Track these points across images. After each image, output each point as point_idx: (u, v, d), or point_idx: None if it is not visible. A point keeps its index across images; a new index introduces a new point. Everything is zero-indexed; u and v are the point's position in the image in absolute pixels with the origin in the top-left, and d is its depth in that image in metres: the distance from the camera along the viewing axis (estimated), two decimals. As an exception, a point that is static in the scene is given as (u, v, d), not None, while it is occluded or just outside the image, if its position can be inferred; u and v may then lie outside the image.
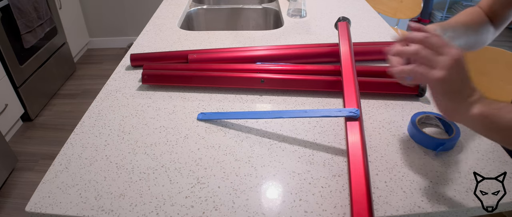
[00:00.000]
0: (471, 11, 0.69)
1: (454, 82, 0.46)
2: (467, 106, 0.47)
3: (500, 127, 0.45)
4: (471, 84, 0.47)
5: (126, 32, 3.00)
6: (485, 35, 0.67)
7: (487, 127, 0.46)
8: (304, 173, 0.58)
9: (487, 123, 0.46)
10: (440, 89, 0.46)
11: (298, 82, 0.79)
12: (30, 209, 0.52)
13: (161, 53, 0.93)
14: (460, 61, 0.45)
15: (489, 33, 0.68)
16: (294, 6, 1.27)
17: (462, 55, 0.46)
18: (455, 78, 0.45)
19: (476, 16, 0.67)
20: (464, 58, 0.46)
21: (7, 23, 1.84)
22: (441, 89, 0.46)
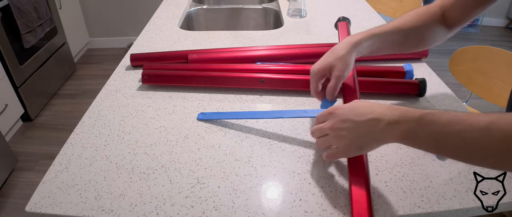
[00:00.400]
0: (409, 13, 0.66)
1: (350, 139, 0.49)
2: (383, 137, 0.47)
3: (419, 144, 0.45)
4: (364, 117, 0.48)
5: (126, 32, 3.00)
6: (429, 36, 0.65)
7: (409, 145, 0.47)
8: (304, 173, 0.58)
9: (408, 143, 0.46)
10: (352, 151, 0.51)
11: (298, 82, 0.78)
12: (30, 209, 0.52)
13: (161, 53, 0.93)
14: (337, 121, 0.50)
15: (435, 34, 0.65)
16: (294, 6, 1.27)
17: (339, 106, 0.52)
18: (347, 135, 0.50)
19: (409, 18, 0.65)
20: (342, 106, 0.51)
21: (7, 23, 1.84)
22: (353, 151, 0.51)
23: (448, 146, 0.43)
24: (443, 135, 0.42)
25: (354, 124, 0.49)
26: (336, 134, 0.51)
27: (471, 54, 1.22)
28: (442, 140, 0.42)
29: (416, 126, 0.44)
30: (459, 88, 1.45)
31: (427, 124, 0.43)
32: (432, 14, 0.65)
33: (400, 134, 0.45)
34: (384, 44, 0.65)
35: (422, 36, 0.65)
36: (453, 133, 0.41)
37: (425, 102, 0.76)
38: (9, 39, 1.85)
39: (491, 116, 0.40)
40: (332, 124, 0.51)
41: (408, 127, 0.44)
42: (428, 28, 0.65)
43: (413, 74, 0.81)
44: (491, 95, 1.17)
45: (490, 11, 3.28)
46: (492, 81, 1.17)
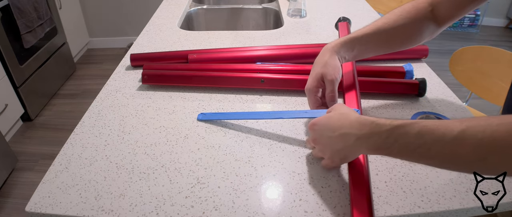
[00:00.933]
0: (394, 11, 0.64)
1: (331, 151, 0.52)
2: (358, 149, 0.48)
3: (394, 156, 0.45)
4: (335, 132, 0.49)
5: (126, 32, 3.00)
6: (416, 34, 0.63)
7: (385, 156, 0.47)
8: (304, 173, 0.58)
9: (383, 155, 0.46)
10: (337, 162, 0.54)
11: (298, 82, 0.78)
12: (30, 209, 0.52)
13: (161, 53, 0.93)
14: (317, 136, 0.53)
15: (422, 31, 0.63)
16: (294, 6, 1.27)
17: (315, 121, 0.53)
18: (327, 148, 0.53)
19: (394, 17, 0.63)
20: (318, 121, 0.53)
21: (7, 23, 1.84)
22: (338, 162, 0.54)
23: (422, 158, 0.42)
24: (415, 148, 0.41)
25: (329, 139, 0.51)
26: (320, 148, 0.55)
27: (471, 54, 1.22)
28: (414, 152, 0.42)
29: (385, 139, 0.43)
30: (459, 88, 1.45)
31: (398, 137, 0.42)
32: (420, 10, 0.62)
33: (371, 147, 0.45)
34: (368, 46, 0.64)
35: (408, 34, 0.63)
36: (424, 144, 0.40)
37: (425, 102, 0.76)
38: (9, 39, 1.85)
39: (464, 123, 0.38)
40: (313, 139, 0.55)
41: (379, 141, 0.44)
42: (414, 25, 0.62)
43: (413, 74, 0.81)
44: (491, 95, 1.17)
45: (490, 11, 3.28)
46: (492, 81, 1.17)
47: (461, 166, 0.41)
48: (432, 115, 0.69)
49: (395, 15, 0.63)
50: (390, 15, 0.64)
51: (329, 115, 0.53)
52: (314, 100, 0.65)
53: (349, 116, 0.49)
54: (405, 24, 0.62)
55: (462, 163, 0.40)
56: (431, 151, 0.40)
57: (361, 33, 0.63)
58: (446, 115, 0.71)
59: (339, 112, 0.52)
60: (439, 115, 0.70)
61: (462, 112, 0.73)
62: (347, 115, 0.49)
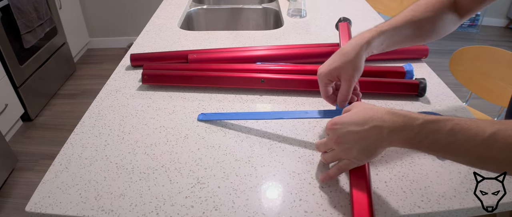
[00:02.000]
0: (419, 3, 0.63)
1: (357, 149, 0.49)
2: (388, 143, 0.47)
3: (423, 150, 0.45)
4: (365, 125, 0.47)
5: (126, 32, 3.00)
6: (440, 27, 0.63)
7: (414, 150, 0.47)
8: (304, 173, 0.58)
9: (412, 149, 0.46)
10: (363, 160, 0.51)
11: (298, 82, 0.79)
12: (30, 209, 0.52)
13: (161, 53, 0.93)
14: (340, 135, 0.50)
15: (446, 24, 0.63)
16: (294, 6, 1.27)
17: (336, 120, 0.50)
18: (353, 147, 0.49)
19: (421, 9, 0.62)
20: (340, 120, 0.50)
21: (7, 23, 1.84)
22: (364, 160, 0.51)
23: (450, 155, 0.43)
24: (445, 144, 0.42)
25: (357, 134, 0.48)
26: (342, 148, 0.50)
27: (471, 54, 1.22)
28: (444, 148, 0.42)
29: (417, 134, 0.43)
30: (459, 88, 1.45)
31: (429, 132, 0.42)
32: (443, 3, 0.62)
33: (402, 140, 0.45)
34: (395, 39, 0.62)
35: (435, 27, 0.62)
36: (455, 142, 0.41)
37: (425, 102, 0.76)
38: (9, 39, 1.85)
39: (495, 126, 0.39)
40: (336, 139, 0.51)
41: (410, 135, 0.44)
42: (439, 17, 0.62)
43: (413, 74, 0.81)
44: (491, 95, 1.17)
45: (490, 11, 3.28)
46: (492, 81, 1.17)
47: (489, 166, 0.41)
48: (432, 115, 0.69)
49: (421, 7, 0.62)
50: (416, 7, 0.63)
51: (354, 111, 0.50)
52: (324, 89, 0.62)
53: (378, 109, 0.48)
54: (431, 16, 0.61)
55: (491, 164, 0.40)
56: (461, 149, 0.41)
57: (391, 26, 0.61)
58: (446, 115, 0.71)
59: (364, 106, 0.50)
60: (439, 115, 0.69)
61: (462, 112, 0.73)
62: (376, 108, 0.48)
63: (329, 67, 0.60)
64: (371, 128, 0.47)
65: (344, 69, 0.58)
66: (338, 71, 0.59)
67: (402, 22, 0.61)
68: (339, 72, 0.59)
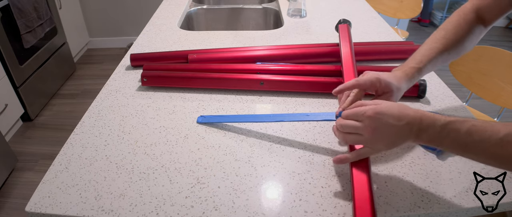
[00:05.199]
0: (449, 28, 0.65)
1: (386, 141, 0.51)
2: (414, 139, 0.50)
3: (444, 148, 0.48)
4: (401, 121, 0.49)
5: (126, 32, 3.00)
6: (468, 44, 0.66)
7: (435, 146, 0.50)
8: (304, 173, 0.58)
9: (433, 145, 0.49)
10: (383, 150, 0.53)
11: (298, 84, 0.78)
12: (30, 209, 0.52)
13: (161, 53, 0.93)
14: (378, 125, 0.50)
15: (473, 39, 0.66)
16: (294, 6, 1.27)
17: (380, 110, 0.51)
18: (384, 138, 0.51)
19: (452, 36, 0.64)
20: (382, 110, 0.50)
21: (7, 23, 1.84)
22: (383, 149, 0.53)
23: (468, 153, 0.46)
24: (463, 144, 0.46)
25: (393, 128, 0.50)
26: (375, 137, 0.51)
27: (471, 54, 1.22)
28: (462, 147, 0.46)
29: (439, 133, 0.47)
30: (459, 88, 1.45)
31: (450, 131, 0.46)
32: (469, 20, 0.65)
33: (427, 138, 0.48)
34: (430, 69, 0.65)
35: (464, 46, 0.66)
36: (472, 142, 0.45)
37: (425, 102, 0.76)
38: (9, 39, 1.85)
39: (508, 127, 0.43)
40: (374, 128, 0.51)
41: (434, 134, 0.47)
42: (468, 36, 0.65)
43: (413, 74, 0.80)
44: (491, 95, 1.17)
45: (490, 11, 3.27)
46: (492, 81, 1.17)
47: (505, 166, 0.45)
48: (432, 115, 0.69)
49: (451, 33, 0.65)
50: (447, 34, 0.65)
51: (388, 104, 0.51)
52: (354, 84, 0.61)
53: (407, 107, 0.51)
54: (460, 39, 0.65)
55: (506, 162, 0.44)
56: (478, 148, 0.45)
57: (426, 59, 0.63)
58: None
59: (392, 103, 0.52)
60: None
61: (462, 112, 0.73)
62: (405, 106, 0.51)
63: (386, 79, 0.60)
64: (405, 124, 0.49)
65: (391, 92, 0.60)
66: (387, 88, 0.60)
67: (435, 55, 0.64)
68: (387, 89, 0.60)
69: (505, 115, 1.26)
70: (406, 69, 0.63)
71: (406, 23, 3.03)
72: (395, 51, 0.94)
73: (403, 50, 0.94)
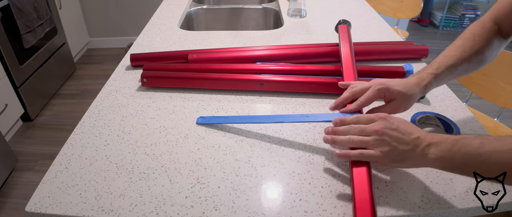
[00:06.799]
0: (467, 36, 0.65)
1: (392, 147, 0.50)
2: (422, 156, 0.49)
3: (455, 166, 0.47)
4: (412, 135, 0.50)
5: (126, 32, 3.00)
6: (488, 54, 0.65)
7: (445, 168, 0.48)
8: (304, 173, 0.58)
9: (444, 165, 0.48)
10: (387, 160, 0.51)
11: (298, 84, 0.78)
12: (30, 209, 0.52)
13: (161, 53, 0.93)
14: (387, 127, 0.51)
15: (493, 49, 0.65)
16: (294, 6, 1.27)
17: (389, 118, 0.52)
18: (390, 143, 0.50)
19: (470, 43, 0.64)
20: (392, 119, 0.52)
21: (7, 23, 1.84)
22: (388, 160, 0.51)
23: (482, 166, 0.45)
24: (476, 155, 0.45)
25: (402, 136, 0.50)
26: (381, 138, 0.51)
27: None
28: (476, 160, 0.45)
29: (451, 147, 0.47)
30: (459, 88, 1.45)
31: (462, 146, 0.46)
32: (488, 30, 0.64)
33: (437, 153, 0.47)
34: (448, 78, 0.64)
35: (484, 56, 0.64)
36: (485, 153, 0.45)
37: (425, 102, 0.76)
38: (9, 39, 1.85)
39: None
40: (381, 128, 0.51)
41: (445, 149, 0.47)
42: (487, 46, 0.64)
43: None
44: (491, 95, 1.17)
45: (490, 11, 3.27)
46: (492, 81, 1.17)
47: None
48: (432, 115, 0.69)
49: (469, 41, 0.64)
50: (465, 41, 0.64)
51: (402, 119, 0.53)
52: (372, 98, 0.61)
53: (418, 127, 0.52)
54: (479, 48, 0.64)
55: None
56: (491, 160, 0.44)
57: (443, 66, 0.63)
58: (446, 115, 0.71)
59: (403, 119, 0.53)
60: (439, 115, 0.70)
61: (462, 112, 0.73)
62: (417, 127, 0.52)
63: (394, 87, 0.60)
64: (414, 139, 0.49)
65: (400, 99, 0.60)
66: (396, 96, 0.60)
67: (453, 62, 0.63)
68: (396, 97, 0.60)
69: (505, 115, 1.26)
70: (422, 75, 0.62)
71: (406, 23, 3.03)
72: (395, 51, 0.94)
73: (403, 50, 0.94)
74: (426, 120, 0.69)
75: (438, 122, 0.69)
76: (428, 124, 0.69)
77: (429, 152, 0.48)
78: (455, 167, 0.47)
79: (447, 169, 0.48)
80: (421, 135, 0.49)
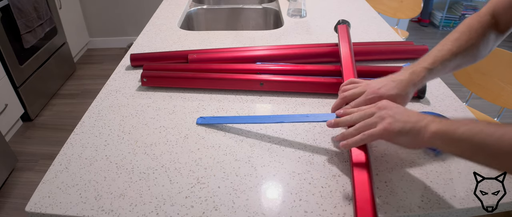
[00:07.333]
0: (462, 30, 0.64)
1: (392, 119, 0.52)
2: (424, 131, 0.49)
3: (455, 139, 0.46)
4: (412, 112, 0.52)
5: (126, 32, 3.00)
6: (483, 49, 0.64)
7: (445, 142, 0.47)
8: (304, 173, 0.58)
9: (445, 139, 0.47)
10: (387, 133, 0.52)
11: (298, 84, 0.78)
12: (30, 209, 0.52)
13: (161, 53, 0.93)
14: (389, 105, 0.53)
15: (488, 44, 0.64)
16: (294, 6, 1.27)
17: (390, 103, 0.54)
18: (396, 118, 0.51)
19: (465, 37, 0.63)
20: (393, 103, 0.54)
21: (7, 23, 1.84)
22: (388, 133, 0.51)
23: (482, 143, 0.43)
24: (478, 132, 0.44)
25: (404, 112, 0.52)
26: (380, 114, 0.53)
27: (471, 54, 1.22)
28: (477, 136, 0.44)
29: (453, 122, 0.47)
30: (459, 88, 1.45)
31: (465, 122, 0.46)
32: (484, 24, 0.63)
33: (438, 126, 0.48)
34: (442, 72, 0.64)
35: (479, 51, 0.64)
36: (487, 131, 0.43)
37: (425, 102, 0.76)
38: (9, 39, 1.85)
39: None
40: (383, 105, 0.54)
41: (447, 122, 0.48)
42: (482, 40, 0.63)
43: (413, 74, 0.80)
44: (491, 95, 1.17)
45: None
46: (492, 81, 1.17)
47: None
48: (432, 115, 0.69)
49: (464, 35, 0.63)
50: (460, 35, 0.63)
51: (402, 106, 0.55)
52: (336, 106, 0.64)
53: None
54: (474, 43, 0.63)
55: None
56: (495, 134, 0.42)
57: (439, 60, 0.62)
58: (446, 115, 0.71)
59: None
60: (439, 115, 0.69)
61: (462, 112, 0.73)
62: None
63: (387, 93, 0.60)
64: (417, 114, 0.51)
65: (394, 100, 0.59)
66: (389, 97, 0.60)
67: (448, 56, 0.63)
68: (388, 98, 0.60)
69: (505, 115, 1.26)
70: (415, 70, 0.62)
71: (406, 23, 3.03)
72: (395, 51, 0.94)
73: (403, 50, 0.94)
74: (426, 120, 0.69)
75: (438, 122, 0.68)
76: (428, 124, 0.69)
77: (430, 125, 0.48)
78: (455, 142, 0.46)
79: (447, 145, 0.47)
80: (423, 115, 0.51)
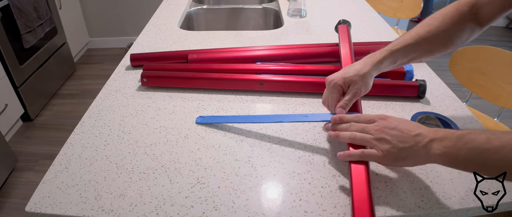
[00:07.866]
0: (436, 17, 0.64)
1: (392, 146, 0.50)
2: (425, 152, 0.48)
3: (460, 161, 0.46)
4: (412, 132, 0.50)
5: (126, 32, 3.00)
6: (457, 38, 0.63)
7: (449, 163, 0.47)
8: (304, 173, 0.58)
9: (448, 160, 0.47)
10: (388, 159, 0.51)
11: (298, 84, 0.78)
12: (30, 209, 0.52)
13: (161, 53, 0.93)
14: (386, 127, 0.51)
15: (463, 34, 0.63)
16: (294, 6, 1.27)
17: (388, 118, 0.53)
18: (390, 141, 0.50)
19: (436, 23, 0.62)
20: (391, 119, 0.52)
21: (7, 23, 1.84)
22: (389, 159, 0.51)
23: (488, 162, 0.44)
24: (482, 151, 0.43)
25: (402, 134, 0.50)
26: (380, 137, 0.51)
27: (471, 54, 1.22)
28: (481, 157, 0.43)
29: (456, 142, 0.45)
30: (459, 88, 1.45)
31: (467, 141, 0.45)
32: (462, 13, 0.62)
33: (441, 149, 0.46)
34: (410, 56, 0.63)
35: (451, 39, 0.63)
36: (491, 149, 0.43)
37: (425, 102, 0.76)
38: (9, 39, 1.85)
39: None
40: (381, 127, 0.52)
41: (449, 144, 0.46)
42: (457, 29, 0.62)
43: (413, 74, 0.81)
44: (491, 95, 1.17)
45: (490, 11, 3.27)
46: (492, 81, 1.17)
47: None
48: (432, 115, 0.69)
49: (437, 21, 0.62)
50: (432, 21, 0.63)
51: (401, 119, 0.53)
52: (336, 97, 0.63)
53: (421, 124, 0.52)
54: (447, 29, 0.62)
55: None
56: (497, 156, 0.42)
57: (404, 43, 0.62)
58: (446, 115, 0.71)
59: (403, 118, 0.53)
60: (439, 115, 0.69)
61: (462, 112, 0.73)
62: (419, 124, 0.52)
63: (344, 76, 0.61)
64: (415, 135, 0.49)
65: (355, 82, 0.61)
66: (350, 82, 0.61)
67: (415, 39, 0.62)
68: (350, 83, 0.61)
69: (505, 115, 1.26)
70: (376, 52, 0.63)
71: (406, 23, 3.03)
72: (395, 51, 0.93)
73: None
74: (426, 120, 0.69)
75: (438, 122, 0.69)
76: (428, 124, 0.69)
77: (432, 147, 0.47)
78: (460, 163, 0.46)
79: (451, 165, 0.47)
80: (423, 132, 0.49)
